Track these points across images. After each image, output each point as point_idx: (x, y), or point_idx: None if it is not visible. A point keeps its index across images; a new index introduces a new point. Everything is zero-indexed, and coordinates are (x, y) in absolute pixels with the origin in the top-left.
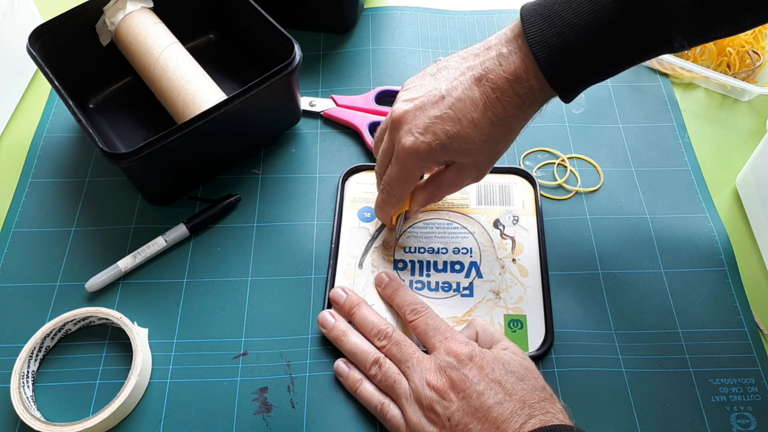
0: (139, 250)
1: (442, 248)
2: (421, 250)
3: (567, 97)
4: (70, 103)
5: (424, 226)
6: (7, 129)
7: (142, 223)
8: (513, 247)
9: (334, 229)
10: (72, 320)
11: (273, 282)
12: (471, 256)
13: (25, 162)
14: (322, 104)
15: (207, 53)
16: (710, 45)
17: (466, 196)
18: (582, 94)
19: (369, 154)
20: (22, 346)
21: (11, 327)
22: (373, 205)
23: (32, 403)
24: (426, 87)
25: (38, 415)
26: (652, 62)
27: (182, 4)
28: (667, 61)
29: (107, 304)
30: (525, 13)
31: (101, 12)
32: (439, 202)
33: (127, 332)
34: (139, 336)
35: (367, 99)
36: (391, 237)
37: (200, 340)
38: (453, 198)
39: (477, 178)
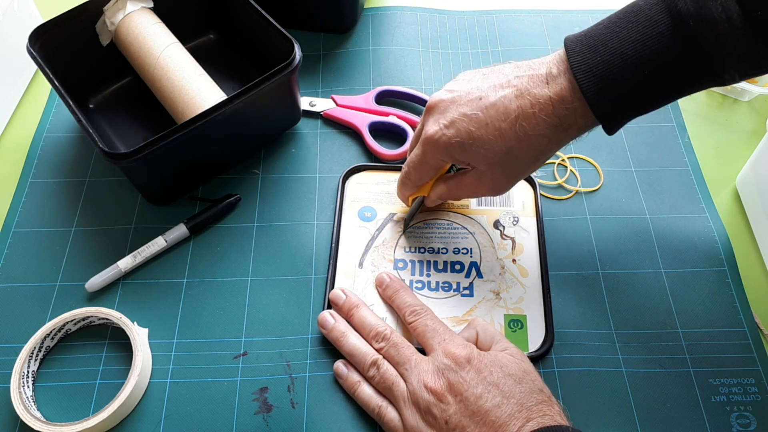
0: (139, 250)
1: (442, 248)
2: (422, 250)
3: (610, 128)
4: (70, 103)
5: (424, 226)
6: (7, 129)
7: (142, 223)
8: (513, 248)
9: (334, 229)
10: (72, 320)
11: (273, 282)
12: (471, 257)
13: (25, 162)
14: (322, 104)
15: (207, 53)
16: None
17: None
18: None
19: (369, 154)
20: (22, 346)
21: (11, 327)
22: (373, 205)
23: (32, 403)
24: (471, 84)
25: (38, 415)
26: None
27: (182, 4)
28: None
29: (107, 304)
30: (569, 42)
31: (101, 12)
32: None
33: (127, 332)
34: (139, 336)
35: (367, 99)
36: (392, 233)
37: (200, 340)
38: None
39: (494, 192)
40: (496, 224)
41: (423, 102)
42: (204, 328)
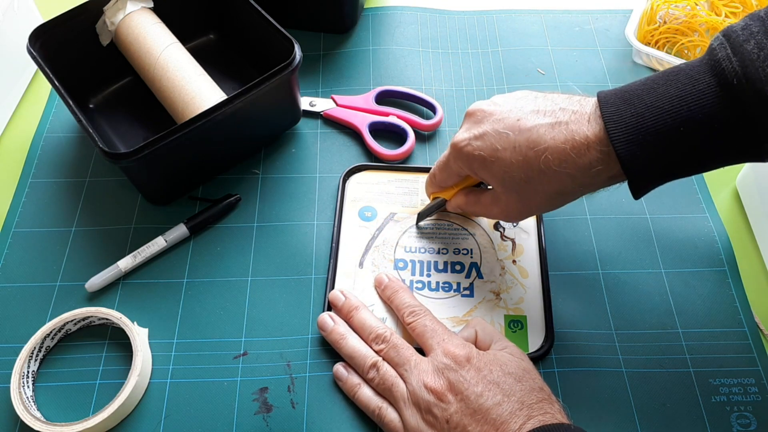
0: (139, 250)
1: (442, 249)
2: (422, 250)
3: (636, 185)
4: (70, 103)
5: (425, 226)
6: (7, 129)
7: (142, 223)
8: (513, 249)
9: (335, 228)
10: (72, 320)
11: (273, 282)
12: (471, 257)
13: (25, 162)
14: (322, 104)
15: (207, 53)
16: None
17: None
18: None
19: (369, 154)
20: (22, 346)
21: (11, 327)
22: (374, 205)
23: (32, 403)
24: (517, 102)
25: (38, 415)
26: (652, 62)
27: (182, 4)
28: (667, 61)
29: (107, 304)
30: (602, 95)
31: (101, 12)
32: None
33: (127, 332)
34: (139, 336)
35: (367, 99)
36: (393, 232)
37: (200, 340)
38: None
39: (504, 216)
40: (497, 226)
41: (423, 102)
42: (204, 328)
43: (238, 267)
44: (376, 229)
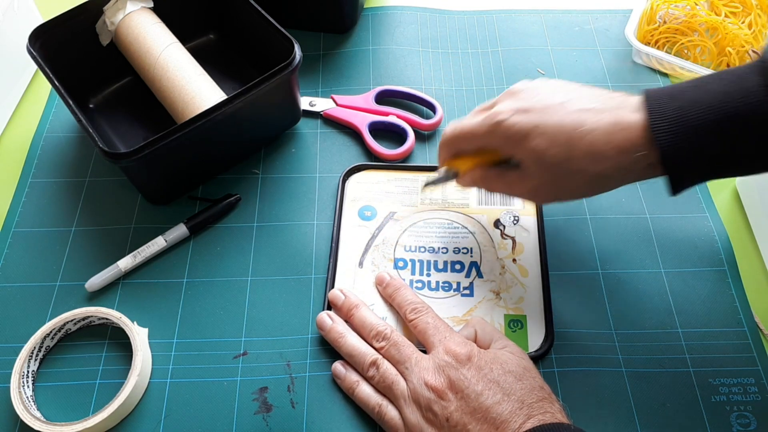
0: (139, 249)
1: (442, 248)
2: (422, 249)
3: (675, 180)
4: (70, 103)
5: (424, 225)
6: (7, 129)
7: (142, 223)
8: (513, 248)
9: (335, 228)
10: (72, 320)
11: (273, 282)
12: (471, 256)
13: (25, 162)
14: (322, 104)
15: (207, 53)
16: (710, 44)
17: (467, 196)
18: None
19: (369, 153)
20: (22, 346)
21: (11, 327)
22: (373, 204)
23: (32, 403)
24: (561, 87)
25: (38, 414)
26: (652, 62)
27: (182, 4)
28: (667, 61)
29: (107, 303)
30: (649, 90)
31: (101, 12)
32: (440, 201)
33: (127, 332)
34: (139, 336)
35: (367, 99)
36: (393, 231)
37: (200, 340)
38: (454, 198)
39: (532, 194)
40: (497, 224)
41: (423, 102)
42: (204, 328)
43: (238, 267)
44: (375, 229)
